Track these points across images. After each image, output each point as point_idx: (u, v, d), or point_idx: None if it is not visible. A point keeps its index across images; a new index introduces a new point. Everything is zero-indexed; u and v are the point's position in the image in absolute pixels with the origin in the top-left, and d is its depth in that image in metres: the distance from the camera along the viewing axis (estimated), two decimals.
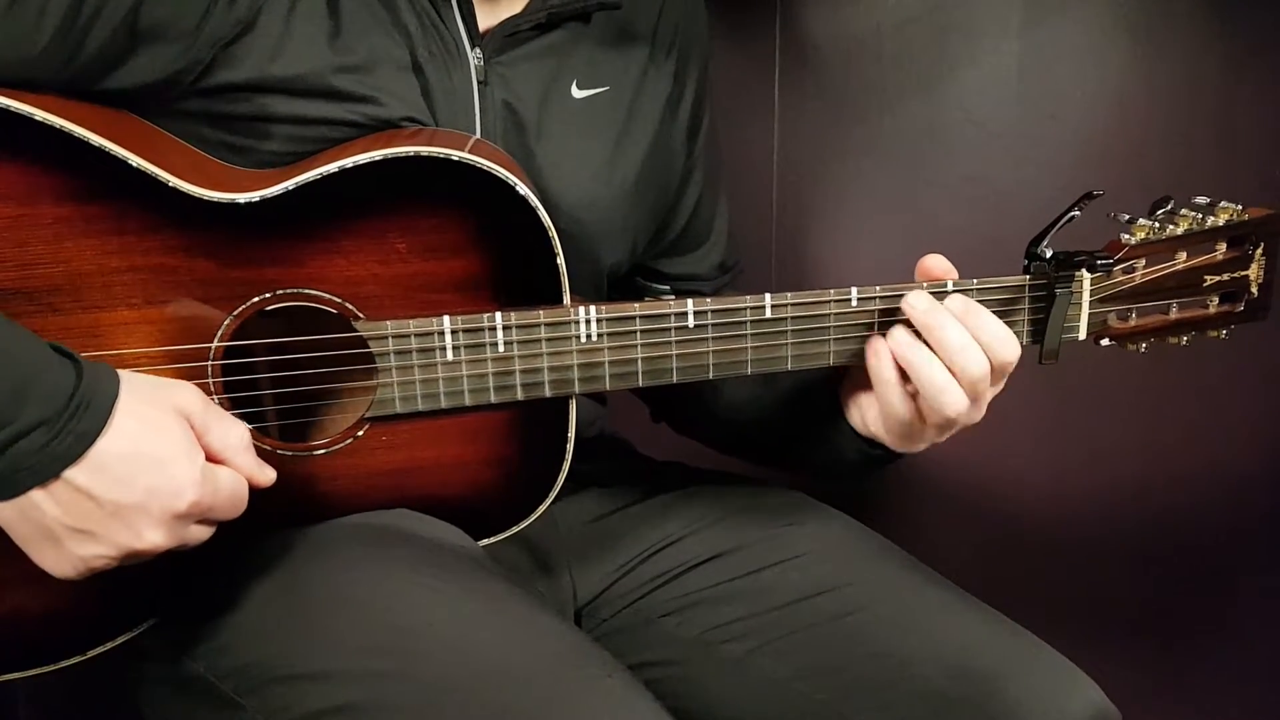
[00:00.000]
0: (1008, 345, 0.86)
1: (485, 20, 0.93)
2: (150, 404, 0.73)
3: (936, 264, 0.90)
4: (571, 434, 0.89)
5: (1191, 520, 1.59)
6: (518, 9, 0.94)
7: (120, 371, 0.73)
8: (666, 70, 1.04)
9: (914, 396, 0.87)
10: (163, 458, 0.72)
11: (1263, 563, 1.60)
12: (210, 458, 0.75)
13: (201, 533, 0.76)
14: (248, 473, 0.78)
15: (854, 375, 0.95)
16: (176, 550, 0.75)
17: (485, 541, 0.91)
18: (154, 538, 0.72)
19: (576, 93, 0.97)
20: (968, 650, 0.90)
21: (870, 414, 0.93)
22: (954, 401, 0.85)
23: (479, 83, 0.92)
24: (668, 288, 1.11)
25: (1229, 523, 1.58)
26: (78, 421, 0.69)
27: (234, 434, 0.77)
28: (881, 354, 0.87)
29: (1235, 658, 1.63)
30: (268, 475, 0.79)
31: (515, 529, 0.92)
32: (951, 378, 0.85)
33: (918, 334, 0.87)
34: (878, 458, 0.96)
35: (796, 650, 0.94)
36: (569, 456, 0.90)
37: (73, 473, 0.69)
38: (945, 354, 0.85)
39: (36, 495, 0.69)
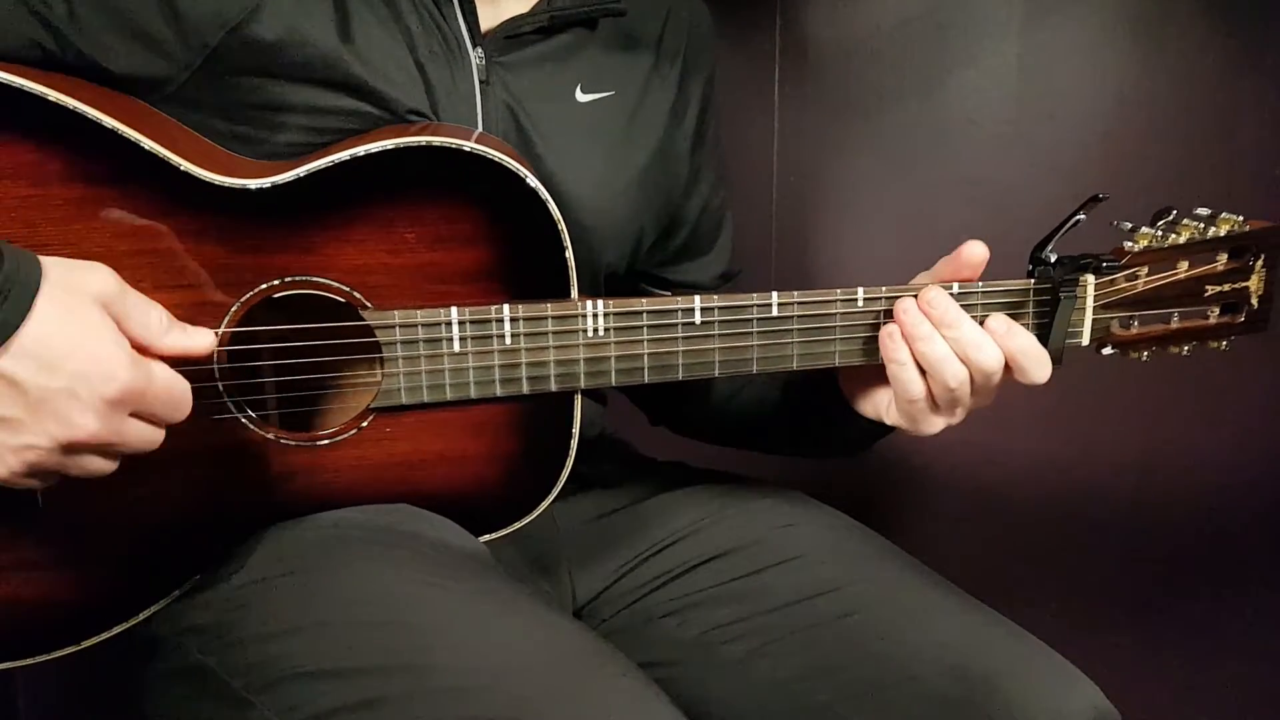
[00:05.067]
0: (985, 351, 0.88)
1: (487, 20, 0.93)
2: (69, 290, 0.70)
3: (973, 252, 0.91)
4: (576, 431, 0.89)
5: (1191, 521, 1.59)
6: (522, 9, 0.94)
7: (39, 257, 0.70)
8: (670, 78, 1.04)
9: (924, 373, 0.88)
10: (88, 343, 0.69)
11: (1262, 563, 1.60)
12: (133, 345, 0.72)
13: (142, 431, 0.73)
14: (179, 349, 0.75)
15: (858, 371, 0.95)
16: (118, 450, 0.72)
17: (486, 538, 0.91)
18: (86, 423, 0.69)
19: (580, 96, 0.97)
20: (968, 651, 0.89)
21: (883, 401, 0.94)
22: (956, 372, 0.87)
23: (481, 82, 0.92)
24: (669, 294, 1.10)
25: (1228, 524, 1.59)
26: None
27: (153, 316, 0.74)
28: (895, 335, 0.89)
29: (1234, 657, 1.63)
30: (202, 340, 0.76)
31: (516, 525, 0.91)
32: (951, 352, 0.87)
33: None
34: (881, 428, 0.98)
35: (796, 651, 0.93)
36: (573, 453, 0.89)
37: None
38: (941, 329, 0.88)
39: None
